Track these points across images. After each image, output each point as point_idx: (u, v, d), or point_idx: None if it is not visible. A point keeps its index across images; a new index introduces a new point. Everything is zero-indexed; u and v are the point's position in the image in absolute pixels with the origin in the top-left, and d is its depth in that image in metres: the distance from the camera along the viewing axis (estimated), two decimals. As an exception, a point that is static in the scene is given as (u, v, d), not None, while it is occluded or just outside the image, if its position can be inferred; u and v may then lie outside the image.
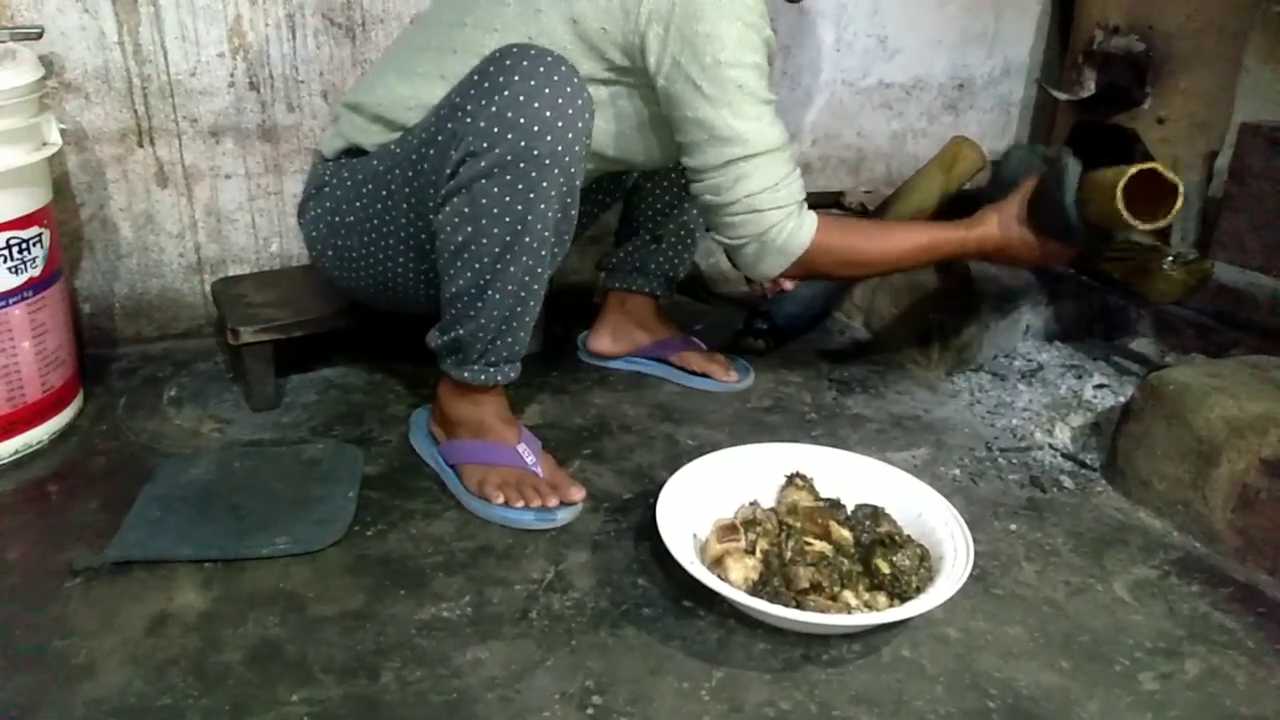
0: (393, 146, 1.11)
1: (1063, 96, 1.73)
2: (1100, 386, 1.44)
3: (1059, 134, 1.83)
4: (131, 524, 1.05)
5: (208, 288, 1.52)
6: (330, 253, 1.21)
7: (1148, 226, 1.10)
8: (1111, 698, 0.88)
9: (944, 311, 1.54)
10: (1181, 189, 1.08)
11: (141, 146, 1.43)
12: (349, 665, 0.87)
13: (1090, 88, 1.69)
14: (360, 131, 1.16)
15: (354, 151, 1.17)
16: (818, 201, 1.88)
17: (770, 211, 1.12)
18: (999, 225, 1.21)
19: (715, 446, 1.15)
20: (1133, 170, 1.09)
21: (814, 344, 1.65)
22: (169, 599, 0.95)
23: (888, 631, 0.94)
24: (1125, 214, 1.08)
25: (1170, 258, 1.38)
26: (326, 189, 1.18)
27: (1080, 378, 1.48)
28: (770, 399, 1.44)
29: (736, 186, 1.10)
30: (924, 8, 1.89)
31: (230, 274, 1.53)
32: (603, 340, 1.50)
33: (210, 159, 1.48)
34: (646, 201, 1.44)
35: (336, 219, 1.17)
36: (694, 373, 1.46)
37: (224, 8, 1.41)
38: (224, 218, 1.52)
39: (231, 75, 1.44)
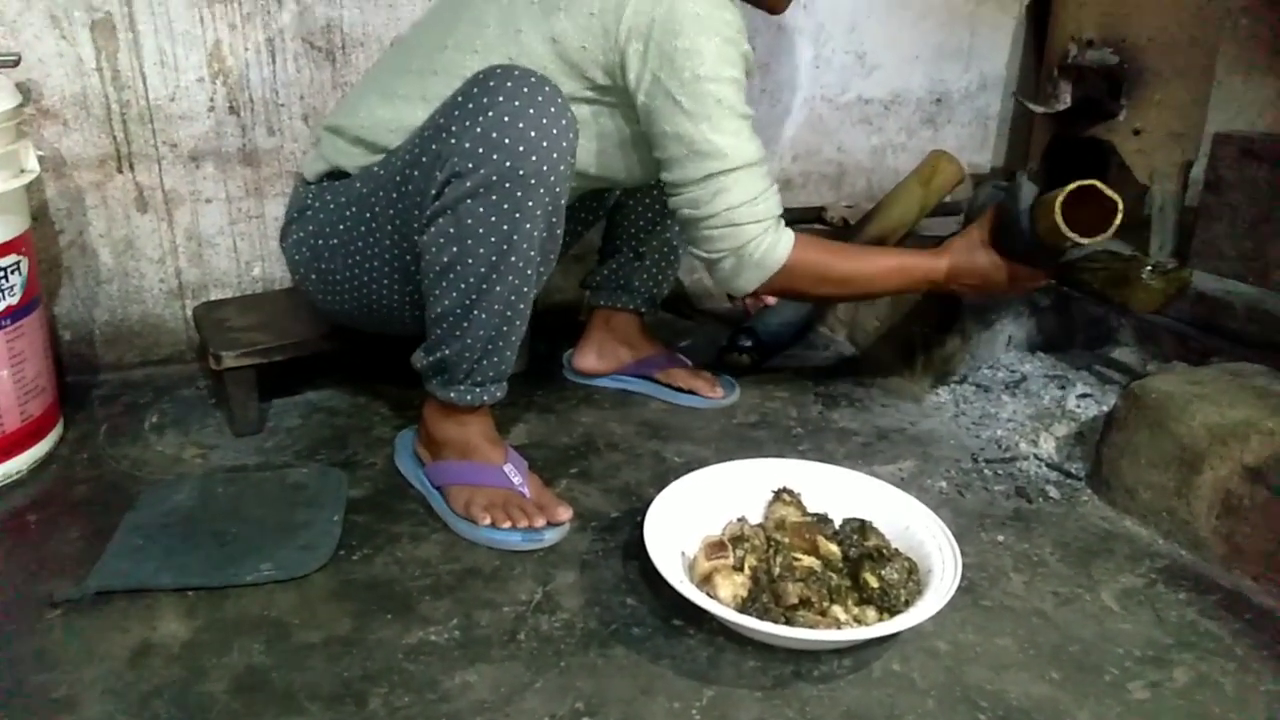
0: (375, 168, 1.11)
1: (1039, 109, 1.75)
2: (1083, 396, 1.45)
3: (1036, 147, 1.85)
4: (113, 553, 1.04)
5: (189, 313, 1.51)
6: (314, 276, 1.21)
7: (1087, 241, 1.13)
8: (1102, 707, 0.88)
9: (927, 324, 1.55)
10: (1121, 206, 1.12)
11: (121, 172, 1.43)
12: (336, 692, 0.86)
13: (1066, 101, 1.70)
14: (342, 154, 1.16)
15: (336, 174, 1.17)
16: (799, 217, 1.90)
17: (748, 225, 1.13)
18: (965, 250, 1.22)
19: (702, 463, 1.14)
20: (1071, 186, 1.12)
21: (799, 359, 1.66)
22: (152, 629, 0.94)
23: (878, 646, 0.94)
24: (1064, 228, 1.11)
25: (1149, 267, 1.39)
26: (309, 212, 1.18)
27: (1063, 388, 1.48)
28: (756, 414, 1.45)
29: (715, 200, 1.11)
30: (901, 24, 1.91)
31: (212, 298, 1.52)
32: (588, 358, 1.50)
33: (191, 183, 1.47)
34: (629, 219, 1.44)
35: (319, 242, 1.17)
36: (680, 389, 1.47)
37: (203, 33, 1.41)
38: (205, 242, 1.51)
39: (211, 100, 1.44)
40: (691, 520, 1.04)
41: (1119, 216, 1.12)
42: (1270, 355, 1.30)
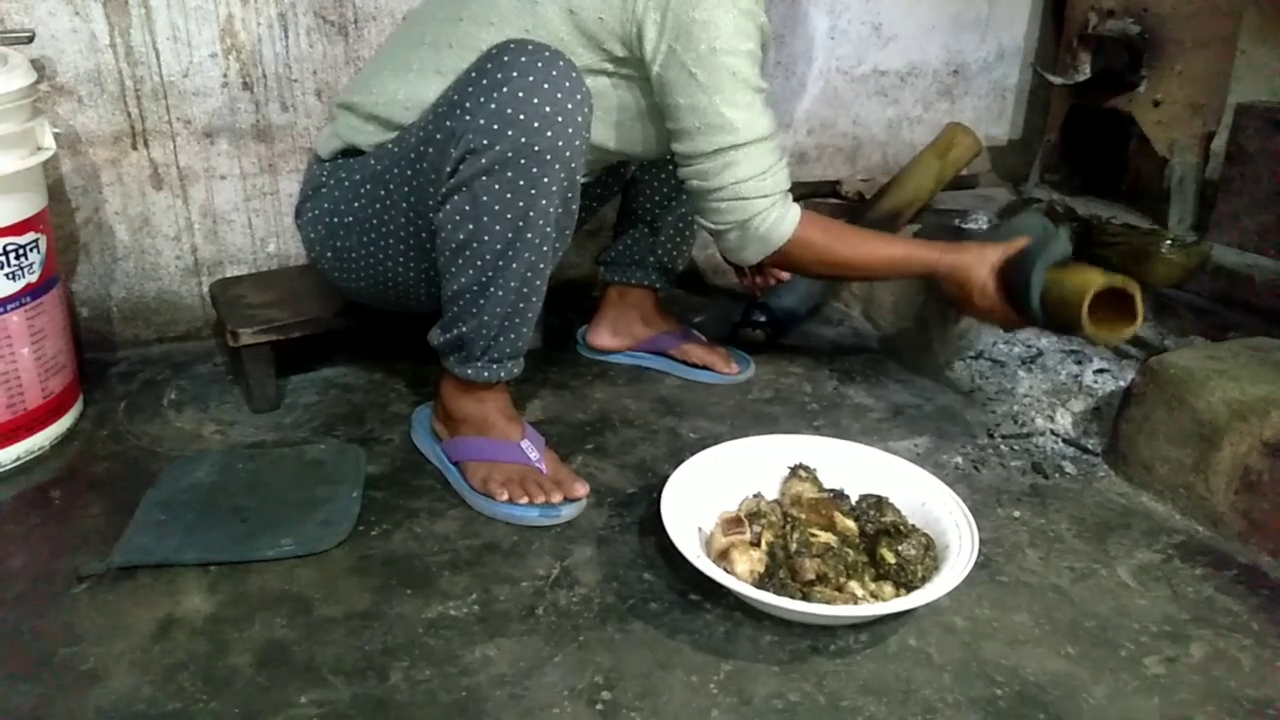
0: (390, 145, 1.11)
1: (1057, 81, 1.73)
2: (1100, 371, 1.44)
3: (1054, 118, 1.83)
4: (136, 528, 1.05)
5: (205, 289, 1.51)
6: (329, 254, 1.21)
7: (1103, 339, 1.13)
8: (1118, 682, 0.88)
9: (943, 299, 1.54)
10: (1140, 317, 1.11)
11: (136, 149, 1.43)
12: (358, 666, 0.88)
13: (1085, 72, 1.68)
14: (356, 131, 1.15)
15: (350, 152, 1.17)
16: (814, 190, 1.88)
17: (756, 200, 1.13)
18: (974, 263, 1.19)
19: (717, 439, 1.15)
20: (1102, 284, 1.10)
21: (813, 335, 1.66)
22: (175, 603, 0.95)
23: (894, 621, 0.95)
24: (1085, 323, 1.09)
25: (1168, 241, 1.38)
26: (324, 190, 1.18)
27: (1080, 363, 1.48)
28: (771, 390, 1.44)
29: (724, 173, 1.11)
30: (918, -6, 1.88)
31: (228, 275, 1.53)
32: (603, 334, 1.50)
33: (205, 160, 1.47)
34: (644, 195, 1.43)
35: (335, 220, 1.17)
36: (695, 365, 1.47)
37: (216, 8, 1.40)
38: (220, 219, 1.51)
39: (225, 75, 1.44)
40: (708, 496, 1.05)
41: (1135, 326, 1.12)
42: (1291, 330, 1.29)
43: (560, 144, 0.98)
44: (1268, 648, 0.93)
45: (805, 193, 1.89)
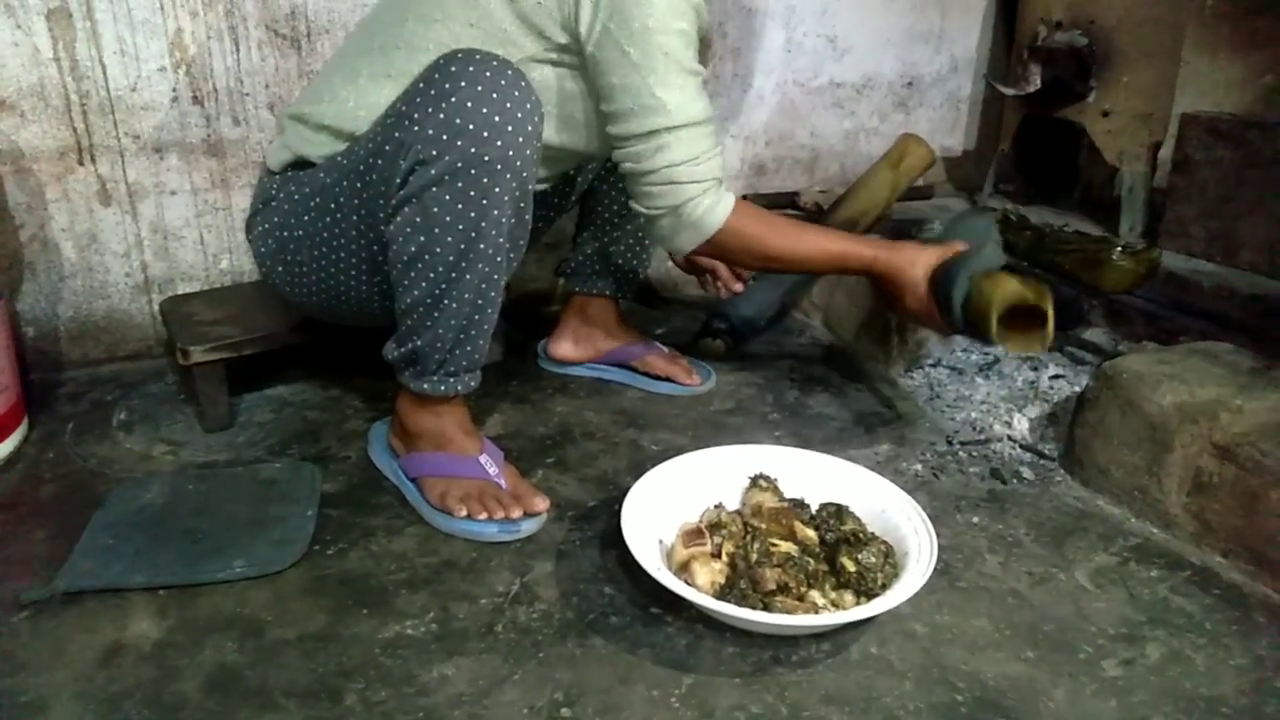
0: (339, 158, 1.09)
1: (1009, 92, 1.76)
2: (1056, 377, 1.46)
3: (1007, 129, 1.85)
4: (82, 552, 1.02)
5: (156, 307, 1.48)
6: (280, 269, 1.19)
7: (1014, 349, 1.15)
8: (1076, 685, 0.88)
9: (877, 296, 1.55)
10: (1050, 331, 1.12)
11: (82, 164, 1.40)
12: (311, 689, 0.85)
13: (1036, 83, 1.71)
14: (306, 143, 1.14)
15: (301, 164, 1.15)
16: (773, 202, 1.89)
17: (688, 185, 1.11)
18: (907, 265, 1.19)
19: (679, 451, 1.14)
20: (1013, 300, 1.10)
21: (774, 344, 1.66)
22: (122, 629, 0.92)
23: (855, 629, 0.94)
24: (995, 335, 1.11)
25: (1119, 248, 1.41)
26: (274, 203, 1.16)
27: (1036, 369, 1.49)
28: (732, 401, 1.44)
29: (657, 156, 1.10)
30: (871, 7, 1.91)
31: (179, 292, 1.50)
32: (564, 345, 1.49)
33: (155, 175, 1.44)
34: (602, 204, 1.43)
35: (285, 234, 1.15)
36: (657, 377, 1.46)
37: (164, 21, 1.38)
38: (171, 235, 1.49)
39: (174, 89, 1.41)
40: (669, 508, 1.04)
41: (1044, 343, 1.13)
42: (1238, 333, 1.32)
43: (511, 153, 0.97)
44: (1221, 647, 0.94)
45: (764, 205, 1.90)
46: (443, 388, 1.10)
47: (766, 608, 0.92)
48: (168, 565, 1.00)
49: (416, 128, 0.97)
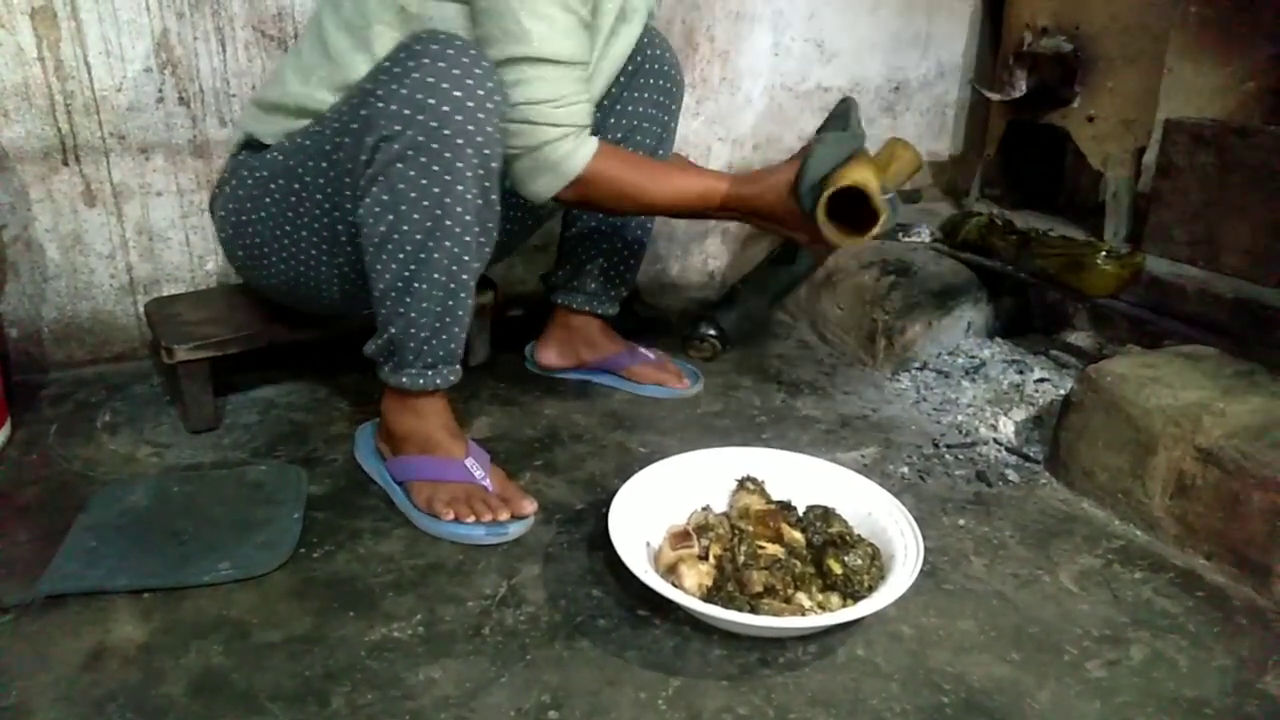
0: (299, 139, 1.10)
1: (995, 97, 1.77)
2: (1041, 380, 1.47)
3: (993, 133, 1.87)
4: (65, 555, 1.01)
5: (141, 308, 1.47)
6: (240, 252, 1.21)
7: (837, 239, 1.05)
8: (1061, 687, 0.89)
9: (888, 312, 1.56)
10: (880, 224, 1.03)
11: (67, 165, 1.39)
12: (297, 692, 0.85)
13: (1021, 88, 1.73)
14: (256, 120, 1.16)
15: (252, 144, 1.18)
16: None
17: (545, 127, 1.06)
18: (766, 191, 1.12)
19: (666, 453, 1.14)
20: (842, 184, 1.03)
21: (761, 347, 1.66)
22: (106, 632, 0.92)
23: (842, 631, 0.95)
24: (824, 222, 1.04)
25: (1104, 252, 1.42)
26: (230, 185, 1.19)
27: (1021, 372, 1.50)
28: (720, 403, 1.45)
29: (514, 91, 1.04)
30: (859, 12, 1.92)
31: (165, 294, 1.49)
32: (549, 354, 1.49)
33: (140, 176, 1.44)
34: (584, 219, 1.41)
35: (243, 216, 1.18)
36: (646, 384, 1.46)
37: (149, 21, 1.37)
38: (156, 236, 1.48)
39: (160, 90, 1.41)
40: (656, 510, 1.04)
41: (872, 231, 1.04)
42: (1221, 337, 1.33)
43: (471, 129, 0.98)
44: (1204, 649, 0.95)
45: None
46: (421, 381, 1.10)
47: (753, 610, 0.92)
48: (152, 568, 1.00)
49: (381, 104, 0.99)
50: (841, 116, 1.19)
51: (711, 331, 1.60)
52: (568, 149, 1.07)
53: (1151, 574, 1.06)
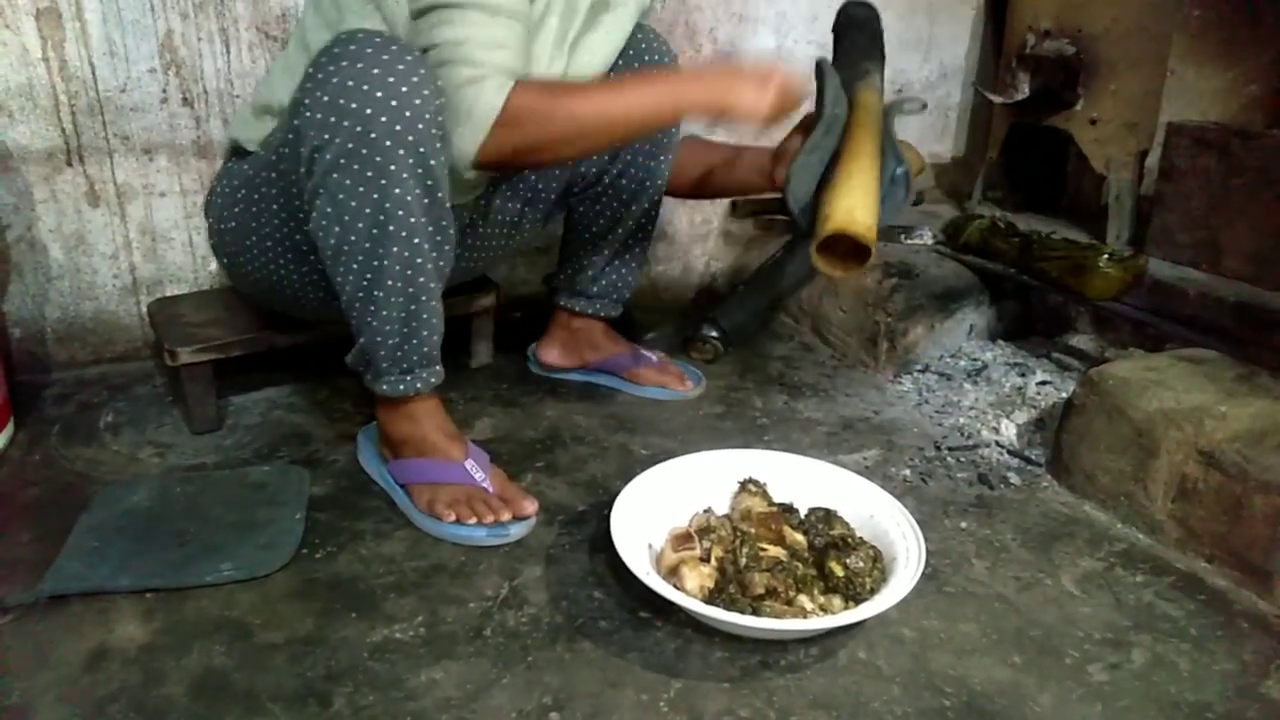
0: (259, 150, 1.12)
1: (997, 99, 1.77)
2: (1043, 383, 1.47)
3: (995, 136, 1.87)
4: (67, 555, 1.01)
5: (144, 309, 1.48)
6: (225, 259, 1.24)
7: (827, 271, 1.04)
8: (1063, 690, 0.89)
9: (890, 314, 1.56)
10: (868, 263, 1.02)
11: (71, 165, 1.39)
12: (299, 693, 0.85)
13: (1024, 90, 1.72)
14: (244, 125, 1.17)
15: (239, 151, 1.19)
16: (764, 207, 1.90)
17: (459, 66, 0.98)
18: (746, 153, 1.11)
19: (668, 455, 1.14)
20: (828, 231, 1.00)
21: (763, 349, 1.66)
22: (108, 632, 0.92)
23: (844, 634, 0.95)
24: (819, 261, 1.03)
25: (1106, 255, 1.42)
26: (214, 194, 1.21)
27: (1024, 375, 1.50)
28: (722, 405, 1.45)
29: (433, 32, 0.99)
30: (862, 14, 1.91)
31: (168, 294, 1.49)
32: (552, 354, 1.49)
33: (144, 177, 1.44)
34: (584, 222, 1.40)
35: (222, 225, 1.20)
36: (648, 386, 1.46)
37: (154, 23, 1.37)
38: (160, 237, 1.48)
39: (164, 91, 1.41)
40: (658, 512, 1.04)
41: (858, 270, 1.03)
42: (1223, 340, 1.33)
43: (399, 128, 0.94)
44: (1205, 652, 0.95)
45: (755, 209, 1.90)
46: (401, 386, 1.09)
47: (755, 612, 0.92)
48: (155, 568, 1.00)
49: (309, 114, 0.97)
50: (818, 93, 1.15)
51: (713, 333, 1.59)
52: (478, 92, 0.98)
53: (1153, 577, 1.06)
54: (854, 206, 1.01)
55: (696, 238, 1.94)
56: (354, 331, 1.08)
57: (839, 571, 0.96)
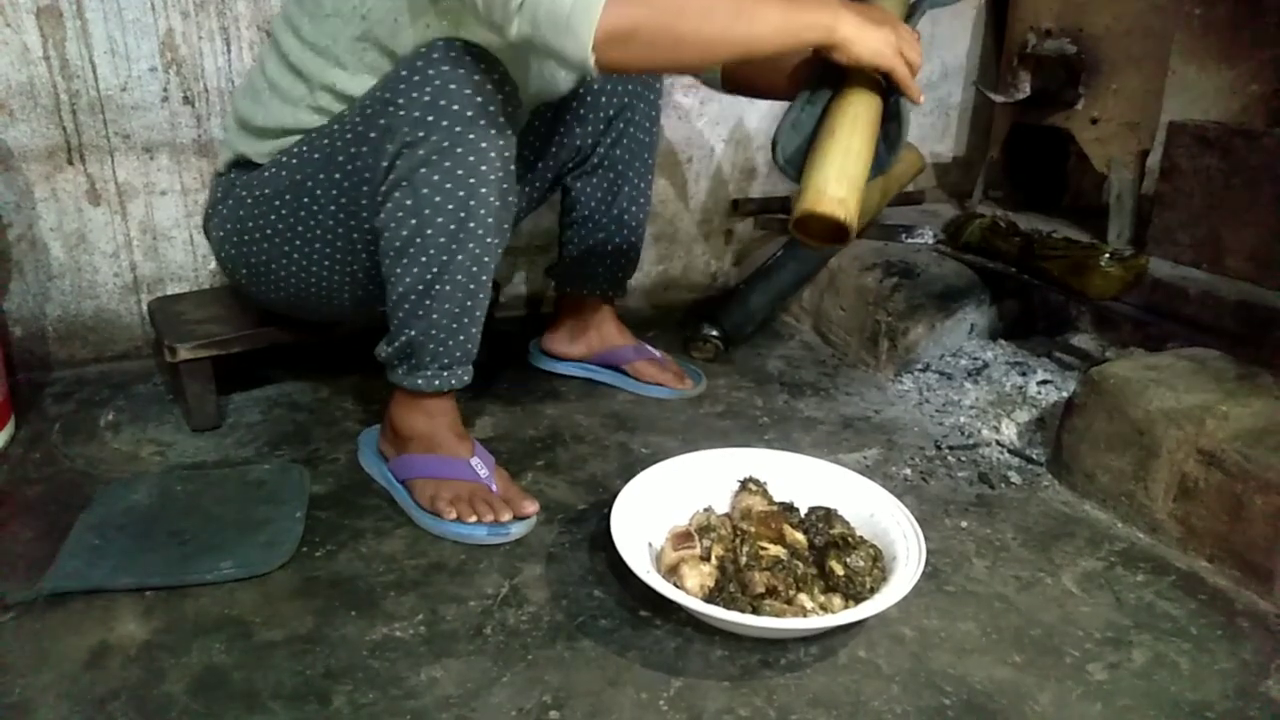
0: (305, 153, 1.10)
1: (999, 99, 1.77)
2: (1044, 382, 1.47)
3: (996, 135, 1.86)
4: (68, 553, 1.01)
5: (145, 307, 1.48)
6: (244, 270, 1.21)
7: (804, 241, 1.04)
8: (1063, 689, 0.89)
9: (891, 313, 1.56)
10: (848, 238, 1.00)
11: (71, 164, 1.39)
12: (299, 691, 0.85)
13: (1025, 90, 1.72)
14: (245, 142, 1.16)
15: (242, 164, 1.17)
16: (765, 206, 1.90)
17: None
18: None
19: (668, 454, 1.14)
20: (803, 211, 0.99)
21: (764, 348, 1.66)
22: (108, 630, 0.92)
23: (844, 633, 0.95)
24: (796, 234, 1.03)
25: (1107, 254, 1.42)
26: (228, 205, 1.18)
27: (1024, 374, 1.50)
28: (722, 404, 1.45)
29: None
30: (863, 13, 1.91)
31: (168, 293, 1.49)
32: (560, 341, 1.50)
33: (144, 175, 1.44)
34: (580, 202, 1.41)
35: (245, 235, 1.17)
36: (648, 383, 1.46)
37: (155, 21, 1.37)
38: (160, 235, 1.48)
39: (165, 90, 1.41)
40: (658, 511, 1.04)
41: (837, 245, 1.04)
42: (1224, 340, 1.33)
43: (493, 131, 1.00)
44: (1206, 652, 0.95)
45: (757, 208, 1.90)
46: (437, 382, 1.10)
47: (755, 611, 0.92)
48: (155, 566, 1.00)
49: (401, 112, 0.99)
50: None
51: (714, 332, 1.60)
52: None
53: (1154, 577, 1.06)
54: (828, 180, 0.98)
55: (697, 237, 1.94)
56: (399, 324, 1.08)
57: (839, 570, 0.96)
